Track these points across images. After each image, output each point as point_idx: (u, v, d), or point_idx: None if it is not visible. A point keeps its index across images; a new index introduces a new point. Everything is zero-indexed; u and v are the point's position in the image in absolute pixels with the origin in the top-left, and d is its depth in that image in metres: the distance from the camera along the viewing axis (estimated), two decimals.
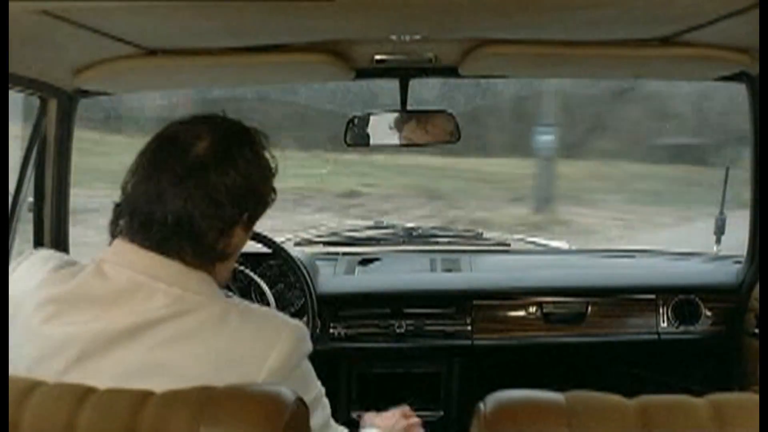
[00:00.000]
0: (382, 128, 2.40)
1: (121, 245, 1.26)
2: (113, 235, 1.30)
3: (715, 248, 2.87)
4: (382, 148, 2.58)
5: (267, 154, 1.33)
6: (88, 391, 1.12)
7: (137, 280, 1.23)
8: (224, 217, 1.26)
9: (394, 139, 2.41)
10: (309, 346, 1.29)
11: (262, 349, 1.21)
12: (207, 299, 1.24)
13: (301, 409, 1.13)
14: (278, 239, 2.51)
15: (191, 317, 1.21)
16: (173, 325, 1.20)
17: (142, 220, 1.24)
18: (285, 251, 2.39)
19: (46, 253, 1.36)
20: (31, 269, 1.31)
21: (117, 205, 1.30)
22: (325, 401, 1.36)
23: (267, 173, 1.32)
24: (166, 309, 1.21)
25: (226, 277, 1.35)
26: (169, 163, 1.24)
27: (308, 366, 1.30)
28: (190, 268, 1.25)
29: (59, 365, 1.21)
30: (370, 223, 3.29)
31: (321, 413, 1.33)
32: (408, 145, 2.46)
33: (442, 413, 2.52)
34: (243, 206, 1.28)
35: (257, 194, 1.31)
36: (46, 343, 1.22)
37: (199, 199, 1.23)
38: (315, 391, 1.32)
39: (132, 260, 1.24)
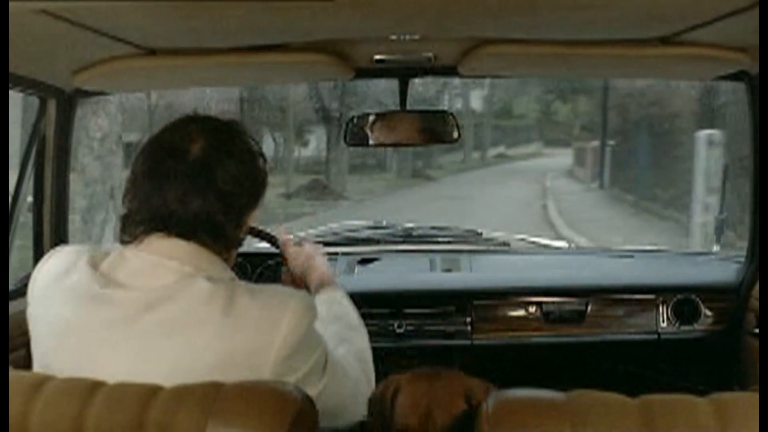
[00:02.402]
0: (381, 128, 2.40)
1: (143, 237, 1.32)
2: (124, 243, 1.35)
3: (715, 248, 2.88)
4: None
5: (252, 141, 1.41)
6: (96, 385, 1.13)
7: (152, 260, 1.29)
8: (238, 207, 1.34)
9: (394, 138, 2.41)
10: (316, 314, 1.35)
11: (275, 318, 1.27)
12: (218, 278, 1.30)
13: (308, 405, 1.14)
14: None
15: (201, 293, 1.26)
16: (185, 299, 1.25)
17: (160, 223, 1.30)
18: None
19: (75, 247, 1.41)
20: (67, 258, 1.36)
21: (124, 216, 1.34)
22: (330, 357, 1.40)
23: (259, 158, 1.40)
24: (175, 285, 1.27)
25: (233, 261, 1.44)
26: (171, 168, 1.30)
27: (316, 332, 1.36)
28: (205, 249, 1.32)
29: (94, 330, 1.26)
30: (370, 222, 3.28)
31: (325, 372, 1.37)
32: (407, 145, 2.47)
33: None
34: (250, 192, 1.36)
35: (259, 178, 1.39)
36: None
37: (214, 196, 1.30)
38: (321, 348, 1.36)
39: (150, 244, 1.31)
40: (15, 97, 2.05)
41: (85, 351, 1.26)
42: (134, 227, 1.32)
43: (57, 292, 1.32)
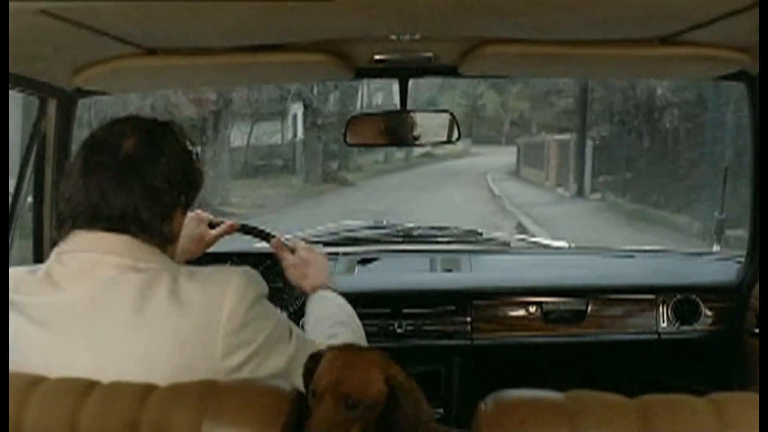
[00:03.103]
0: (382, 127, 2.41)
1: (73, 235, 1.34)
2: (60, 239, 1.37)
3: (715, 248, 2.88)
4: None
5: (187, 143, 1.44)
6: (91, 385, 1.13)
7: (89, 258, 1.31)
8: (165, 204, 1.36)
9: (394, 138, 2.41)
10: (263, 287, 1.38)
11: (217, 295, 1.29)
12: (158, 267, 1.32)
13: (302, 401, 1.14)
14: None
15: (143, 283, 1.28)
16: (128, 291, 1.27)
17: (87, 218, 1.32)
18: None
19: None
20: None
21: (59, 214, 1.37)
22: (294, 329, 1.43)
23: (192, 157, 1.44)
24: (116, 278, 1.29)
25: (173, 255, 1.44)
26: (103, 165, 1.33)
27: (267, 305, 1.38)
28: (139, 242, 1.33)
29: (38, 341, 1.27)
30: (370, 222, 3.29)
31: (289, 343, 1.40)
32: (407, 145, 2.47)
33: (441, 411, 2.52)
34: (179, 190, 1.39)
35: (188, 177, 1.41)
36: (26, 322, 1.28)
37: (139, 191, 1.32)
38: (276, 320, 1.39)
39: (82, 242, 1.32)
40: (15, 97, 2.05)
41: (44, 360, 1.25)
42: (64, 224, 1.35)
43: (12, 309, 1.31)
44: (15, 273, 1.37)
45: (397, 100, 2.39)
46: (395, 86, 2.37)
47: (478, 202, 16.12)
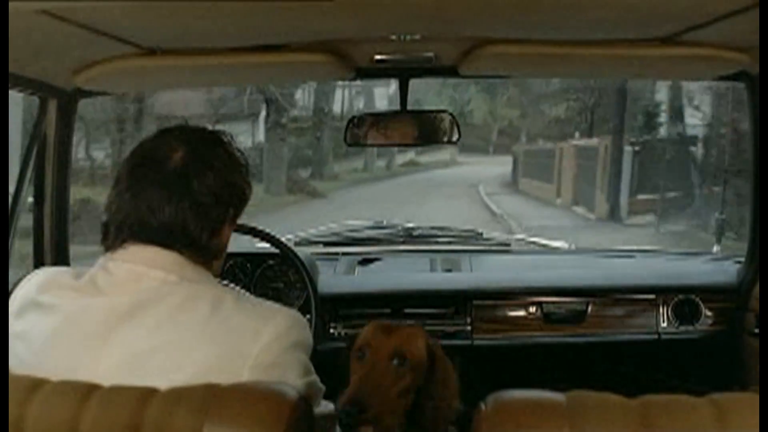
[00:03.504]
0: (381, 128, 2.41)
1: (122, 247, 1.32)
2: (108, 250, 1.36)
3: (715, 248, 2.88)
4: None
5: (237, 153, 1.41)
6: (92, 388, 1.13)
7: (136, 270, 1.30)
8: (213, 218, 1.34)
9: (394, 138, 2.41)
10: (307, 336, 1.34)
11: (257, 327, 1.27)
12: (204, 285, 1.31)
13: (305, 406, 1.14)
14: None
15: (187, 296, 1.27)
16: (171, 301, 1.26)
17: (135, 231, 1.31)
18: (288, 248, 2.39)
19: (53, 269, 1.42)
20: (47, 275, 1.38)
21: (105, 224, 1.35)
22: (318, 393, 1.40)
23: (241, 169, 1.41)
24: (160, 288, 1.28)
25: (217, 272, 1.43)
26: (150, 178, 1.31)
27: (305, 358, 1.34)
28: (186, 259, 1.32)
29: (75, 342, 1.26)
30: (370, 223, 3.29)
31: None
32: (407, 145, 2.47)
33: None
34: (228, 204, 1.36)
35: (237, 190, 1.39)
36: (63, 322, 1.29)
37: (187, 206, 1.30)
38: (308, 380, 1.34)
39: (133, 254, 1.31)
40: (15, 97, 2.05)
41: (70, 360, 1.25)
42: (112, 235, 1.33)
43: (37, 309, 1.32)
44: (56, 274, 1.37)
45: (380, 104, 2.38)
46: (377, 90, 2.37)
47: (475, 220, 12.40)
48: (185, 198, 1.30)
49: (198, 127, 1.43)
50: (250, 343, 1.25)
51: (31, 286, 1.35)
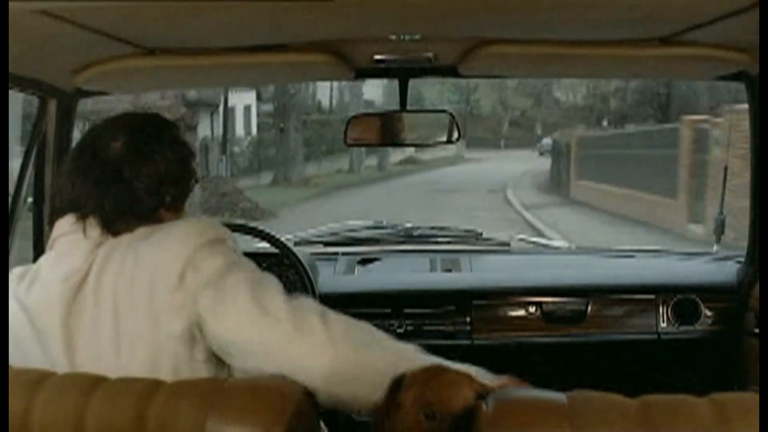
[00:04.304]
0: (381, 127, 2.41)
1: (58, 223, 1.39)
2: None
3: (715, 248, 2.87)
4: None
5: (180, 141, 1.44)
6: (98, 381, 1.14)
7: (64, 240, 1.37)
8: (143, 207, 1.38)
9: (394, 138, 2.42)
10: (211, 233, 1.34)
11: (163, 249, 1.31)
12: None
13: (308, 400, 1.14)
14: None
15: (106, 257, 1.33)
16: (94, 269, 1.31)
17: (75, 219, 1.36)
18: (288, 248, 2.39)
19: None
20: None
21: (50, 215, 1.42)
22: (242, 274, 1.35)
23: (185, 159, 1.44)
24: (86, 246, 1.34)
25: None
26: (87, 165, 1.37)
27: (212, 251, 1.33)
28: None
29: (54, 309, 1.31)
30: (370, 222, 3.29)
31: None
32: (407, 145, 2.47)
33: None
34: (161, 193, 1.40)
35: (175, 180, 1.42)
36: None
37: (113, 195, 1.35)
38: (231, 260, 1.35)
39: (61, 226, 1.38)
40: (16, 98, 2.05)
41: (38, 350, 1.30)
42: (54, 220, 1.39)
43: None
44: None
45: (370, 93, 2.37)
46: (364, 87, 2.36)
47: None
48: (114, 187, 1.35)
49: (145, 114, 1.47)
50: (161, 272, 1.28)
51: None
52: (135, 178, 1.36)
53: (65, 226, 1.37)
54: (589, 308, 2.49)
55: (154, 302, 1.26)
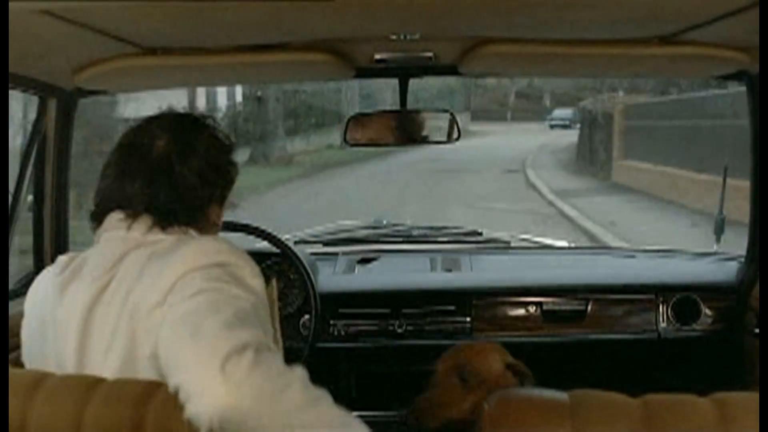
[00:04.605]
0: (381, 127, 2.41)
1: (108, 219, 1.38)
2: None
3: (715, 247, 2.88)
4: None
5: (221, 135, 1.46)
6: (95, 383, 1.13)
7: (107, 236, 1.37)
8: (202, 198, 1.39)
9: (394, 137, 2.42)
10: (216, 258, 1.29)
11: (169, 264, 1.28)
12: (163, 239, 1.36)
13: None
14: None
15: (143, 250, 1.32)
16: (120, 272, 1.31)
17: (124, 215, 1.36)
18: (288, 247, 2.39)
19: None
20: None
21: (92, 214, 1.40)
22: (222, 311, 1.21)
23: (226, 151, 1.45)
24: (127, 246, 1.33)
25: None
26: (135, 165, 1.36)
27: (199, 277, 1.25)
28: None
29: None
30: (370, 222, 3.29)
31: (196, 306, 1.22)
32: (407, 144, 2.47)
33: None
34: (212, 185, 1.41)
35: (222, 172, 1.44)
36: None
37: (166, 190, 1.35)
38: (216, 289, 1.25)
39: (110, 223, 1.37)
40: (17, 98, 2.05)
41: (59, 350, 1.30)
42: (99, 216, 1.39)
43: (30, 302, 1.40)
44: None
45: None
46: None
47: None
48: (167, 183, 1.35)
49: (182, 113, 1.47)
50: (163, 285, 1.24)
51: (43, 277, 1.42)
52: (187, 171, 1.37)
53: (113, 221, 1.37)
54: (589, 308, 2.50)
55: (135, 320, 1.23)
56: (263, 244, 2.46)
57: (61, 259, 1.41)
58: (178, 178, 1.36)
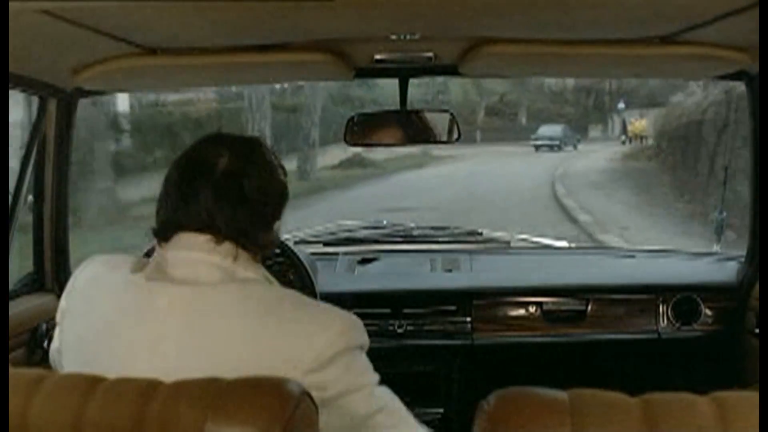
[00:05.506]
0: (381, 127, 2.41)
1: (177, 234, 1.35)
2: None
3: (715, 247, 2.88)
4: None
5: (272, 155, 1.44)
6: (96, 380, 1.13)
7: (192, 256, 1.33)
8: (266, 214, 1.38)
9: (394, 137, 2.42)
10: (363, 338, 1.37)
11: (311, 330, 1.28)
12: (261, 284, 1.35)
13: (307, 401, 1.14)
14: None
15: (244, 295, 1.30)
16: (226, 291, 1.29)
17: (185, 223, 1.34)
18: (288, 248, 2.39)
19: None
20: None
21: (155, 231, 1.37)
22: (379, 391, 1.39)
23: (280, 171, 1.45)
24: (220, 280, 1.31)
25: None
26: (201, 182, 1.34)
27: (362, 357, 1.36)
28: (241, 249, 1.35)
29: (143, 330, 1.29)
30: (370, 222, 3.29)
31: (367, 401, 1.35)
32: (407, 144, 2.47)
33: (442, 411, 2.52)
34: (277, 202, 1.41)
35: (281, 189, 1.43)
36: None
37: (239, 206, 1.34)
38: (364, 379, 1.36)
39: (185, 241, 1.34)
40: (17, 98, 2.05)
41: (129, 344, 1.28)
42: (165, 231, 1.35)
43: (101, 291, 1.35)
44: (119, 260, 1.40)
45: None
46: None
47: None
48: (238, 198, 1.34)
49: (235, 134, 1.47)
50: (305, 349, 1.26)
51: (94, 270, 1.39)
52: (252, 187, 1.35)
53: (200, 242, 1.33)
54: (589, 308, 2.50)
55: (260, 360, 1.24)
56: None
57: (131, 260, 1.39)
58: (247, 194, 1.35)
